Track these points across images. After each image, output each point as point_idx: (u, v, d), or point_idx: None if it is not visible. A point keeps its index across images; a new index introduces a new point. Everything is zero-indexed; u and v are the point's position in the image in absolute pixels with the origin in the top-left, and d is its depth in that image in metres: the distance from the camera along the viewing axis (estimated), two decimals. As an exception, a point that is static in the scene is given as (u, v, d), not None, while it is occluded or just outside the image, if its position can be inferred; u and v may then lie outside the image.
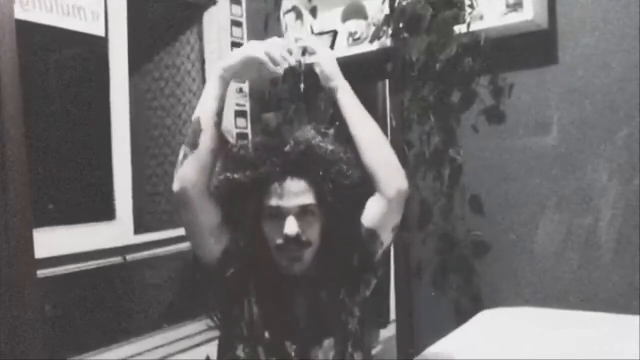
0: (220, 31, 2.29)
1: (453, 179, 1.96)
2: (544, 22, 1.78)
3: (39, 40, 1.77)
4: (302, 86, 2.27)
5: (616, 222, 1.68)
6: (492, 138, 1.90)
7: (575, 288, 1.75)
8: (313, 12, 2.25)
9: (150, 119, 2.44)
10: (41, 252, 1.49)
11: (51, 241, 1.64)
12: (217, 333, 1.22)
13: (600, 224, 1.71)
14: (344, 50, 2.10)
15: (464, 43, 1.83)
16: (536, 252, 1.82)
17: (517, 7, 1.74)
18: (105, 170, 1.91)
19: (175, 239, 2.08)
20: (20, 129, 1.40)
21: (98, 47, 1.90)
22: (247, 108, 2.35)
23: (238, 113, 2.30)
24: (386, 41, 2.02)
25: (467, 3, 1.84)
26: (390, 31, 2.00)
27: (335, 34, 2.21)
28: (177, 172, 1.09)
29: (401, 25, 1.96)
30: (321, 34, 2.23)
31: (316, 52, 1.20)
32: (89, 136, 1.93)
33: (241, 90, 2.31)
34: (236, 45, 2.29)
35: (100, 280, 1.89)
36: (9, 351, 1.36)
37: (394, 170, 1.15)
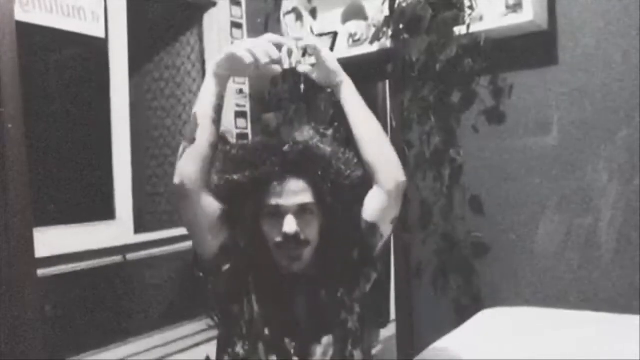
0: (220, 32, 2.29)
1: (453, 179, 1.97)
2: (544, 23, 1.78)
3: (39, 40, 1.77)
4: (302, 86, 2.28)
5: (616, 222, 1.68)
6: (492, 138, 1.90)
7: (575, 288, 1.75)
8: (313, 13, 2.25)
9: (150, 120, 2.44)
10: (41, 252, 1.49)
11: (51, 240, 1.64)
12: (217, 332, 1.22)
13: (600, 224, 1.71)
14: (344, 51, 2.10)
15: (464, 44, 1.83)
16: (536, 252, 1.82)
17: (517, 8, 1.74)
18: (105, 170, 1.91)
19: (175, 239, 2.08)
20: (20, 129, 1.40)
21: (98, 48, 1.90)
22: (247, 108, 2.35)
23: (238, 113, 2.30)
24: (386, 42, 2.02)
25: (467, 4, 1.84)
26: (390, 32, 2.00)
27: (335, 35, 2.21)
28: (177, 166, 1.11)
29: (401, 26, 1.96)
30: (321, 35, 2.23)
31: (319, 49, 1.20)
32: (89, 136, 1.94)
33: (241, 90, 2.32)
34: (236, 46, 2.29)
35: (100, 279, 1.89)
36: (9, 351, 1.36)
37: (393, 163, 1.17)
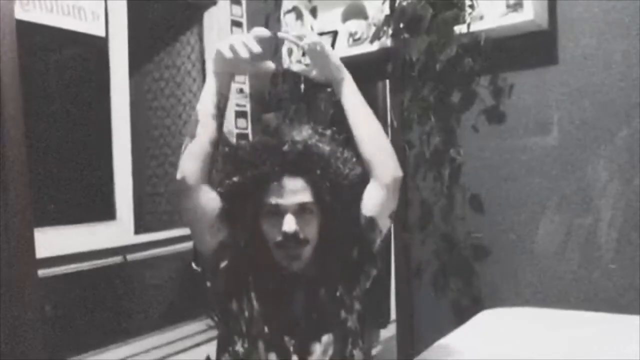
0: (220, 31, 2.29)
1: (453, 179, 1.96)
2: (544, 22, 1.78)
3: (39, 40, 1.77)
4: (302, 86, 2.28)
5: (616, 222, 1.68)
6: (492, 138, 1.90)
7: (575, 288, 1.75)
8: (313, 12, 2.25)
9: (150, 119, 2.44)
10: (41, 252, 1.49)
11: (51, 241, 1.64)
12: (217, 332, 1.22)
13: (600, 224, 1.71)
14: (344, 50, 2.10)
15: (464, 43, 1.83)
16: (536, 252, 1.82)
17: (517, 7, 1.74)
18: (105, 170, 1.91)
19: (175, 239, 2.08)
20: (20, 129, 1.40)
21: (98, 47, 1.90)
22: (248, 108, 2.35)
23: (238, 113, 2.30)
24: (386, 41, 2.02)
25: (467, 3, 1.84)
26: (390, 31, 2.00)
27: (335, 34, 2.21)
28: (179, 162, 1.12)
29: (401, 25, 1.96)
30: (321, 34, 2.23)
31: (324, 45, 1.20)
32: (89, 136, 1.94)
33: (241, 90, 2.31)
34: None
35: (100, 280, 1.89)
36: (9, 351, 1.36)
37: (391, 159, 1.20)
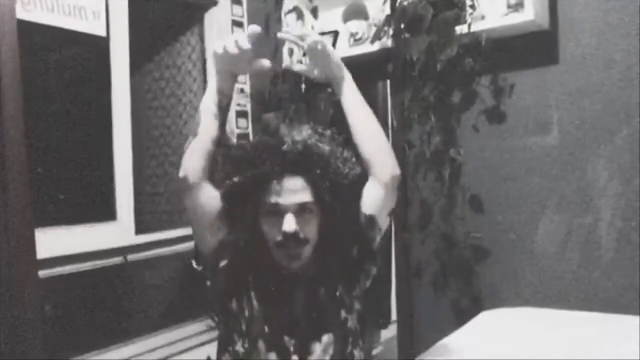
0: (221, 32, 2.29)
1: (453, 179, 1.97)
2: (545, 23, 1.78)
3: (40, 40, 1.77)
4: (303, 86, 2.28)
5: (616, 222, 1.68)
6: (493, 138, 1.90)
7: (575, 288, 1.75)
8: (314, 13, 2.25)
9: (150, 119, 2.44)
10: (42, 253, 1.49)
11: (52, 241, 1.64)
12: (218, 333, 1.22)
13: (600, 224, 1.71)
14: (345, 50, 2.10)
15: (465, 43, 1.83)
16: (536, 252, 1.82)
17: (518, 8, 1.74)
18: (106, 170, 1.91)
19: (175, 240, 2.08)
20: (20, 129, 1.40)
21: (99, 47, 1.90)
22: (248, 108, 2.35)
23: (239, 113, 2.30)
24: (387, 41, 2.02)
25: (468, 3, 1.84)
26: (391, 31, 2.00)
27: (336, 35, 2.21)
28: (182, 160, 1.14)
29: (402, 25, 1.96)
30: (322, 35, 2.23)
31: (325, 44, 1.21)
32: (90, 136, 1.93)
33: (242, 90, 2.31)
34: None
35: (100, 280, 1.89)
36: (9, 351, 1.36)
37: (390, 157, 1.21)
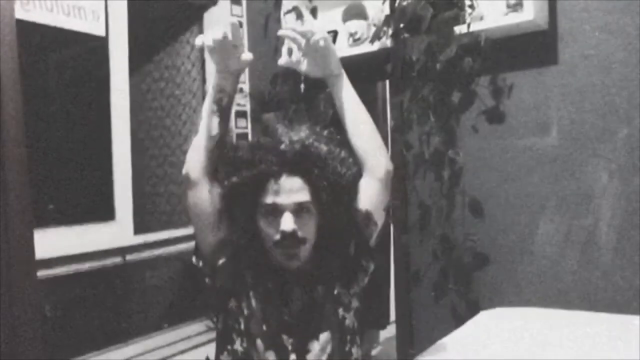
0: (220, 31, 2.29)
1: (453, 180, 1.96)
2: (544, 22, 1.78)
3: (39, 40, 1.77)
4: (302, 86, 2.28)
5: (616, 222, 1.68)
6: (492, 138, 1.90)
7: (575, 288, 1.75)
8: (313, 12, 2.24)
9: (150, 119, 2.44)
10: (41, 253, 1.49)
11: (51, 241, 1.64)
12: (216, 332, 1.22)
13: (600, 224, 1.71)
14: (344, 50, 2.10)
15: (464, 43, 1.83)
16: (536, 253, 1.82)
17: (518, 7, 1.74)
18: (105, 170, 1.91)
19: (174, 240, 2.08)
20: (20, 129, 1.40)
21: (98, 47, 1.90)
22: (247, 108, 2.35)
23: (238, 113, 2.30)
24: (386, 41, 2.02)
25: (468, 3, 1.84)
26: (390, 31, 2.00)
27: (335, 34, 2.21)
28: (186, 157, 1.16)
29: (401, 25, 1.96)
30: (321, 34, 2.23)
31: (328, 39, 1.22)
32: (89, 136, 1.94)
33: (241, 90, 2.31)
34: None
35: (99, 280, 1.89)
36: (9, 351, 1.36)
37: (383, 153, 1.23)
